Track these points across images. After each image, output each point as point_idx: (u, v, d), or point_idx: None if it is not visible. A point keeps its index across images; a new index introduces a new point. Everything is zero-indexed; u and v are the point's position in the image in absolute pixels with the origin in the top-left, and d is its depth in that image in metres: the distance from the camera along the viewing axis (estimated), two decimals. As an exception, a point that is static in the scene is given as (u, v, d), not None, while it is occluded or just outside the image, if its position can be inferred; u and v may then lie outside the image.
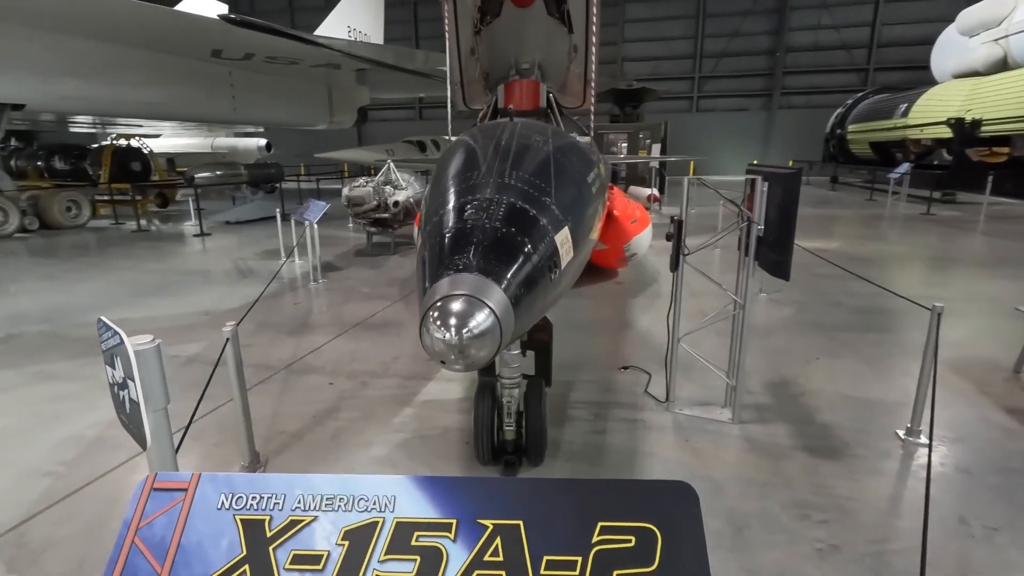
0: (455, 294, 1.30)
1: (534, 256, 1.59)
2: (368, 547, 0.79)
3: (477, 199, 1.78)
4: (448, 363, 1.28)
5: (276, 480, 0.85)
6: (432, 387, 4.14)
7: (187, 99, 15.16)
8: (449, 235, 1.55)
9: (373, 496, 0.83)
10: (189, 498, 0.84)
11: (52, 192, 13.13)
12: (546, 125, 2.99)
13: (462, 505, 0.81)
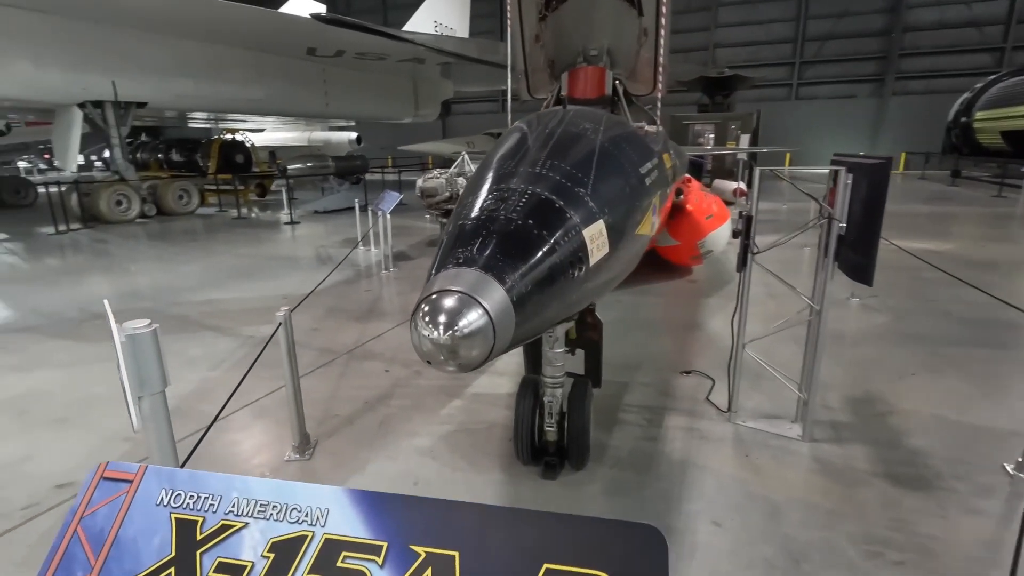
0: (447, 290, 1.22)
1: (552, 252, 1.47)
2: (292, 564, 0.74)
3: (501, 189, 1.69)
4: (435, 363, 1.20)
5: (215, 480, 0.82)
6: (483, 380, 4.11)
7: (285, 95, 16.17)
8: (461, 227, 1.48)
9: (306, 507, 0.77)
10: (132, 491, 0.83)
11: (167, 181, 14.53)
12: (602, 113, 2.83)
13: (396, 526, 0.73)
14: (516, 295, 1.28)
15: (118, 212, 12.86)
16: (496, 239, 1.40)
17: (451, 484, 2.86)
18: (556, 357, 2.78)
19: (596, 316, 3.07)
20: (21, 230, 12.19)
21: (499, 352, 1.28)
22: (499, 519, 0.72)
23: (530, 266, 1.37)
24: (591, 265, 1.69)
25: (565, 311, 1.59)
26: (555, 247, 1.48)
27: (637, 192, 2.33)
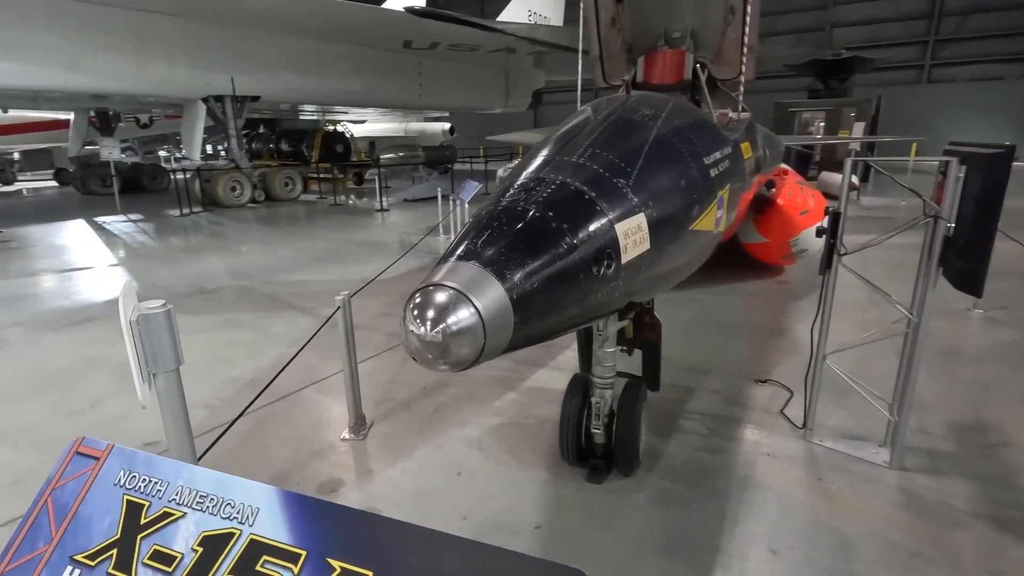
0: (437, 284, 1.16)
1: (571, 247, 1.36)
2: (217, 561, 0.72)
3: (529, 179, 1.60)
4: (420, 361, 1.15)
5: (167, 466, 0.82)
6: (541, 374, 4.04)
7: (381, 87, 16.88)
8: (478, 217, 1.41)
9: (240, 503, 0.75)
10: (97, 469, 0.86)
11: (275, 170, 15.72)
12: (668, 99, 2.62)
13: (318, 535, 0.69)
14: (517, 293, 1.19)
15: (232, 197, 14.11)
16: (505, 232, 1.32)
17: (493, 477, 2.83)
18: (606, 356, 2.65)
19: (654, 316, 2.89)
20: (153, 211, 13.75)
21: (494, 353, 1.20)
22: (423, 541, 0.66)
23: (540, 262, 1.27)
24: (624, 263, 1.56)
25: (589, 312, 1.48)
26: (575, 242, 1.37)
27: (696, 184, 2.14)
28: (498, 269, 1.19)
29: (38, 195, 19.27)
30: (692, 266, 2.45)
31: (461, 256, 1.24)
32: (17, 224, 12.01)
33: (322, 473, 2.89)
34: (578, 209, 1.48)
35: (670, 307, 5.37)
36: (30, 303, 6.13)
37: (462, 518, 2.53)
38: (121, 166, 17.64)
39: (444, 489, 2.75)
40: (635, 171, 1.77)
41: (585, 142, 1.85)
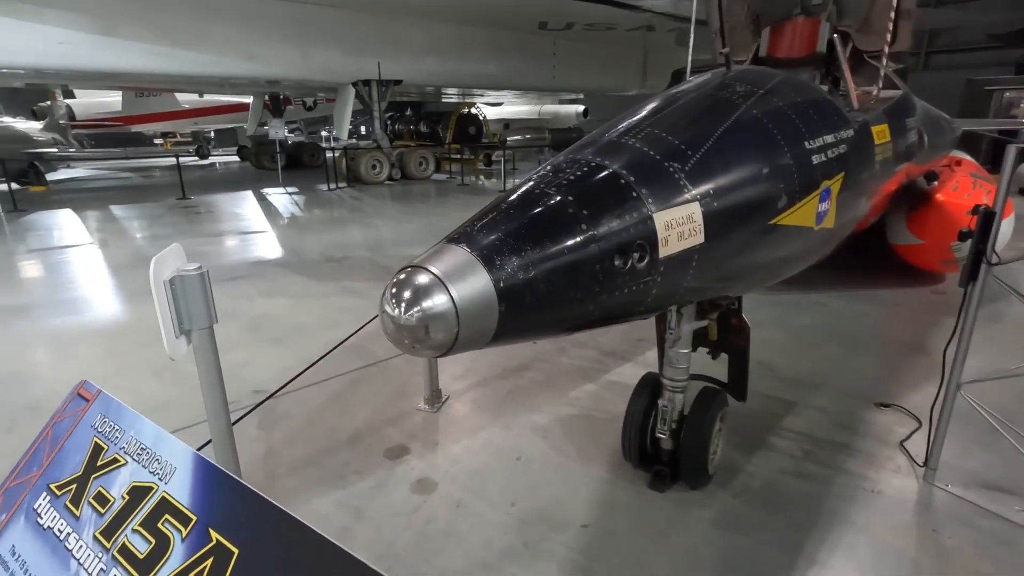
0: (416, 266, 1.11)
1: (590, 236, 1.24)
2: (134, 510, 0.76)
3: (567, 159, 1.49)
4: (394, 342, 1.12)
5: (128, 415, 0.89)
6: (626, 369, 3.86)
7: (516, 70, 17.08)
8: (498, 198, 1.33)
9: (165, 460, 0.79)
10: (85, 410, 0.95)
11: (412, 150, 16.73)
12: (773, 75, 2.31)
13: (210, 505, 0.70)
14: (506, 282, 1.11)
15: (372, 175, 15.30)
16: (511, 216, 1.24)
17: (552, 468, 2.77)
18: (678, 357, 2.45)
19: (742, 318, 2.60)
20: (306, 186, 15.37)
21: (478, 342, 1.13)
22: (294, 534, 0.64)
23: (544, 250, 1.17)
24: (661, 256, 1.39)
25: (612, 309, 1.34)
26: (595, 231, 1.24)
27: (787, 171, 1.86)
28: (487, 255, 1.12)
29: (225, 168, 22.50)
30: (780, 267, 2.15)
31: (453, 238, 1.19)
32: (202, 193, 14.15)
33: (391, 438, 3.05)
34: (607, 194, 1.35)
35: (783, 309, 4.83)
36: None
37: (511, 503, 2.52)
38: (286, 144, 19.94)
39: (500, 472, 2.76)
40: (698, 155, 1.58)
41: (647, 121, 1.68)
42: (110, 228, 9.77)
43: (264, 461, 2.88)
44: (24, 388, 3.64)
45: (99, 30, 10.94)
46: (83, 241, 8.67)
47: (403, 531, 2.36)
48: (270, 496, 2.48)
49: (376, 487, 2.66)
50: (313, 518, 2.43)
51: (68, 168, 21.34)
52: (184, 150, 27.01)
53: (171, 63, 12.22)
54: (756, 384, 3.48)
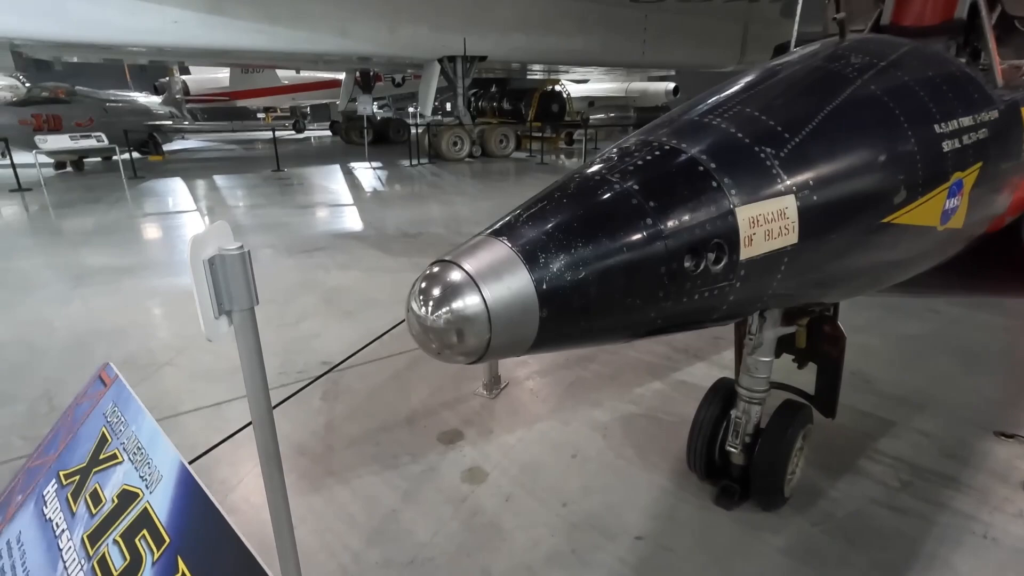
0: (448, 260, 0.98)
1: (656, 233, 1.06)
2: (119, 517, 0.70)
3: (637, 139, 1.30)
4: (420, 345, 0.99)
5: (133, 407, 0.84)
6: (699, 368, 3.59)
7: (603, 45, 16.47)
8: (554, 186, 1.17)
9: (156, 464, 0.72)
10: (101, 396, 0.92)
11: (493, 127, 16.66)
12: (899, 44, 1.95)
13: (186, 528, 0.62)
14: (550, 283, 0.95)
15: (453, 151, 15.42)
16: (564, 206, 1.07)
17: (609, 469, 2.62)
18: (757, 366, 2.20)
19: (838, 326, 2.29)
20: (389, 161, 15.75)
21: (515, 349, 0.99)
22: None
23: (598, 248, 1.00)
24: (744, 258, 1.18)
25: (678, 316, 1.15)
26: (661, 226, 1.06)
27: (909, 160, 1.55)
28: (530, 251, 0.98)
29: (318, 142, 23.58)
30: (889, 272, 1.84)
31: (496, 230, 1.05)
32: (295, 165, 14.88)
33: (446, 422, 3.01)
34: (681, 183, 1.15)
35: (885, 312, 4.30)
36: (282, 230, 7.56)
37: (562, 504, 2.40)
38: (374, 120, 20.52)
39: (554, 468, 2.64)
40: (797, 138, 1.33)
41: (737, 98, 1.45)
42: (211, 196, 10.51)
43: (324, 433, 2.93)
44: (123, 344, 3.95)
45: (208, 9, 11.63)
46: (187, 208, 9.38)
47: (449, 520, 2.31)
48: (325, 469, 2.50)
49: (427, 471, 2.63)
50: (363, 496, 2.44)
51: (182, 139, 23.22)
52: (282, 124, 28.61)
53: (271, 40, 12.82)
54: (849, 397, 3.12)
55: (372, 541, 2.20)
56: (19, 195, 10.17)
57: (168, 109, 18.00)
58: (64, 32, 11.07)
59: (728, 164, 1.21)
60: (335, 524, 2.29)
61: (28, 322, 4.39)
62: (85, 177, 12.63)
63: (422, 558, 2.12)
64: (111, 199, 9.91)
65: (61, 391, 3.34)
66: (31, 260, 6.17)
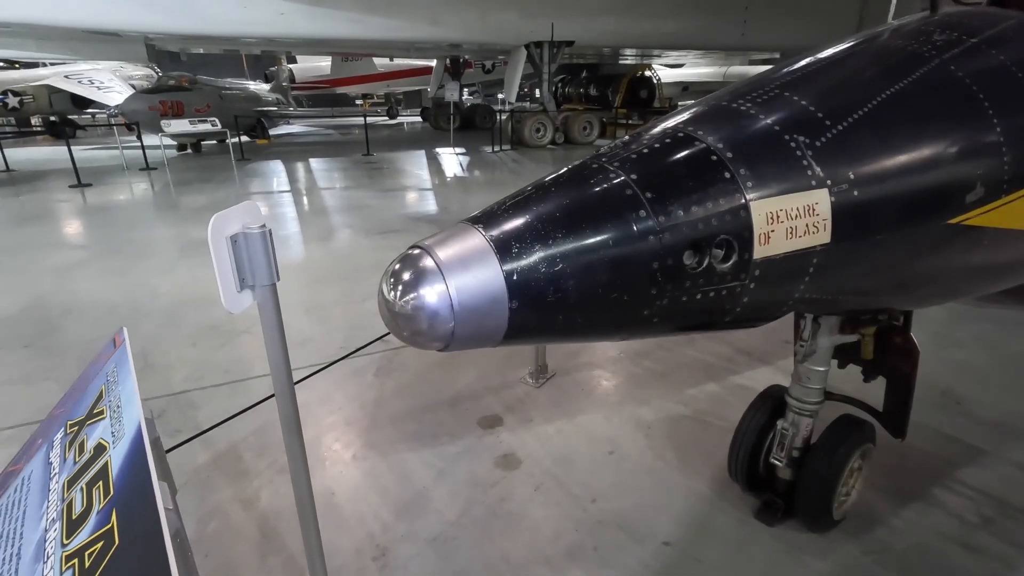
0: (420, 246, 0.96)
1: (649, 227, 0.99)
2: (89, 466, 0.77)
3: (655, 127, 1.21)
4: (390, 329, 0.98)
5: (126, 369, 0.91)
6: (760, 373, 3.37)
7: (699, 27, 15.63)
8: (550, 176, 1.12)
9: (123, 422, 0.78)
10: (109, 356, 1.01)
11: (577, 113, 16.40)
12: (1004, 17, 1.69)
13: (127, 484, 0.66)
14: (522, 275, 0.91)
15: (536, 138, 15.37)
16: (552, 194, 1.02)
17: (645, 470, 2.53)
18: (810, 375, 2.03)
19: (910, 337, 2.05)
20: (472, 147, 15.99)
21: (483, 339, 0.96)
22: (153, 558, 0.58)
23: (581, 241, 0.94)
24: (757, 257, 1.07)
25: (676, 317, 1.06)
26: (658, 219, 0.98)
27: (987, 154, 1.35)
28: (504, 241, 0.94)
29: (409, 128, 24.40)
30: (959, 283, 1.62)
31: (475, 218, 1.03)
32: (384, 150, 15.50)
33: (488, 407, 3.04)
34: (688, 173, 1.07)
35: (994, 327, 3.79)
36: (363, 212, 7.93)
37: (591, 500, 2.35)
38: (461, 106, 20.89)
39: (589, 463, 2.59)
40: (840, 126, 1.20)
41: (781, 81, 1.32)
42: (305, 178, 11.21)
43: (372, 407, 3.07)
44: (211, 311, 4.33)
45: (311, 1, 12.33)
46: (283, 188, 10.07)
47: (476, 503, 2.34)
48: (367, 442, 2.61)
49: (463, 453, 2.67)
50: (398, 471, 2.53)
51: (287, 124, 24.92)
52: (375, 111, 29.89)
53: (367, 29, 13.38)
54: (933, 417, 2.81)
55: (401, 514, 2.28)
56: (147, 173, 11.41)
57: (275, 96, 19.36)
58: (188, 25, 12.21)
59: (748, 154, 1.11)
60: (369, 495, 2.40)
61: (137, 286, 4.94)
62: (201, 158, 13.91)
63: (446, 536, 2.17)
64: (220, 178, 10.85)
65: (155, 350, 3.74)
66: (149, 232, 6.92)
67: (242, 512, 2.31)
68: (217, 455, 2.67)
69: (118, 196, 9.31)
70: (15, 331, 4.05)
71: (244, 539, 2.17)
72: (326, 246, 6.30)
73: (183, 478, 2.50)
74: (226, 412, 2.98)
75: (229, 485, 2.47)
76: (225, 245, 1.30)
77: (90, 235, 7.01)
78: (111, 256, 5.90)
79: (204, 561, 2.07)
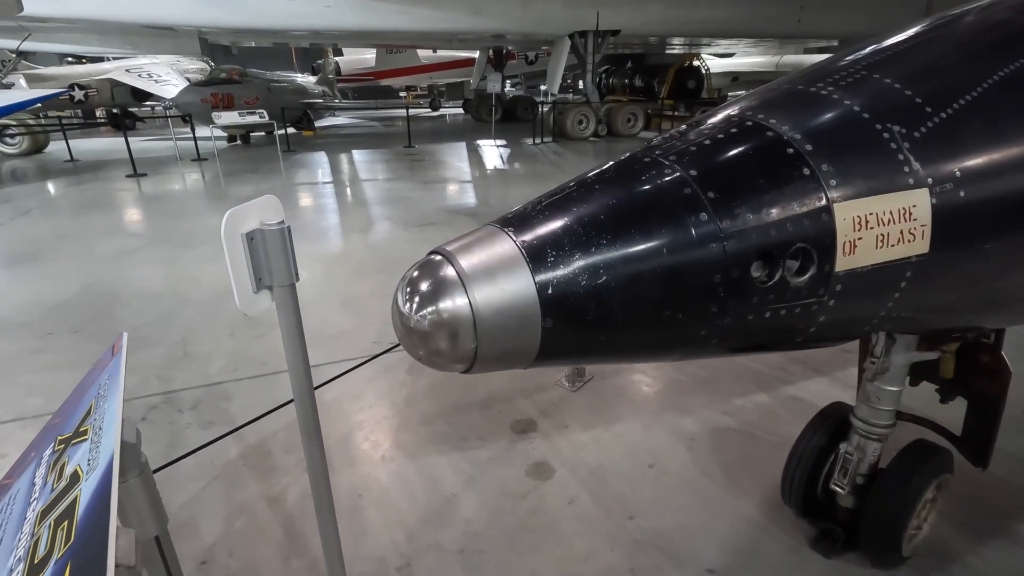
0: (441, 251, 0.82)
1: (713, 234, 0.83)
2: (61, 500, 0.68)
3: (719, 113, 1.05)
4: (405, 347, 0.86)
5: (116, 382, 0.82)
6: (817, 384, 3.13)
7: (751, 15, 14.98)
8: (591, 170, 0.97)
9: (99, 450, 0.69)
10: (106, 365, 0.93)
11: (620, 105, 15.99)
12: None
13: (86, 531, 0.57)
14: (560, 288, 0.77)
15: (578, 130, 15.08)
16: (597, 192, 0.87)
17: (688, 487, 2.36)
18: (881, 395, 1.81)
19: (1000, 356, 1.81)
20: (513, 139, 15.83)
21: (513, 361, 0.82)
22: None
23: (630, 248, 0.80)
24: (839, 270, 0.90)
25: (745, 338, 0.90)
26: (722, 223, 0.82)
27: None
28: (539, 247, 0.81)
29: (451, 120, 24.44)
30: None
31: (505, 220, 0.89)
32: (426, 142, 15.53)
33: (521, 410, 2.92)
34: (757, 168, 0.90)
35: None
36: (403, 204, 7.91)
37: (628, 517, 2.20)
38: (503, 98, 20.73)
39: (626, 476, 2.44)
40: (944, 114, 1.00)
41: (868, 60, 1.13)
42: (348, 170, 11.32)
43: (403, 406, 2.99)
44: (249, 301, 4.35)
45: (356, -7, 12.43)
46: (326, 179, 10.19)
47: (506, 514, 2.23)
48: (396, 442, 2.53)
49: (494, 459, 2.56)
50: (427, 476, 2.44)
51: (332, 116, 25.35)
52: (417, 103, 30.06)
53: (410, 20, 13.40)
54: (1018, 443, 2.52)
55: (427, 522, 2.19)
56: (198, 164, 11.76)
57: (321, 88, 19.67)
58: (238, 19, 12.51)
59: (832, 146, 0.93)
60: (396, 499, 2.32)
61: (181, 276, 5.04)
62: (250, 149, 14.27)
63: (472, 548, 2.07)
64: (266, 169, 11.08)
65: (194, 339, 3.78)
66: (197, 221, 7.09)
67: (268, 511, 2.27)
68: (247, 450, 2.64)
69: (170, 186, 9.61)
70: (66, 316, 4.17)
71: (268, 539, 2.12)
72: (365, 238, 6.31)
73: (213, 472, 2.49)
74: (259, 405, 2.96)
75: (257, 482, 2.44)
76: (240, 242, 1.21)
77: (141, 223, 7.25)
78: (160, 244, 6.06)
79: (228, 560, 2.04)
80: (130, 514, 0.87)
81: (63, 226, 6.97)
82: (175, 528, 2.17)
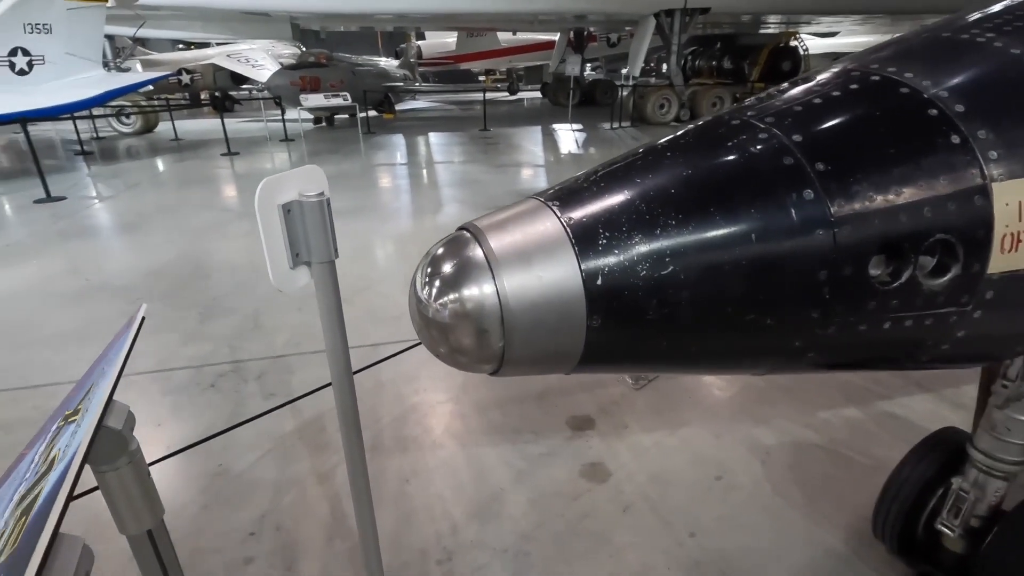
0: (470, 228, 0.67)
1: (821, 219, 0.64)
2: (34, 488, 0.61)
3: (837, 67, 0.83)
4: (423, 341, 0.71)
5: (116, 361, 0.75)
6: (920, 402, 2.75)
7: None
8: (662, 136, 0.79)
9: (78, 436, 0.61)
10: (118, 338, 0.86)
11: (706, 88, 15.13)
12: None
13: (30, 536, 0.48)
14: (611, 279, 0.60)
15: (659, 114, 14.45)
16: (668, 161, 0.69)
17: (759, 506, 2.12)
18: (1010, 425, 1.51)
19: None
20: (590, 123, 15.40)
21: (551, 364, 0.66)
22: None
23: (708, 231, 0.62)
24: (993, 271, 0.67)
25: (851, 354, 0.70)
26: (834, 205, 0.63)
27: None
28: (589, 227, 0.64)
29: (529, 104, 24.21)
30: None
31: (549, 193, 0.73)
32: (501, 126, 15.45)
33: (579, 405, 2.76)
34: (886, 135, 0.69)
35: None
36: (474, 187, 7.87)
37: (689, 533, 2.01)
38: (582, 81, 20.22)
39: (690, 488, 2.23)
40: None
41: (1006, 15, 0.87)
42: (424, 152, 11.46)
43: (457, 392, 2.92)
44: (319, 277, 4.45)
45: (438, -25, 12.47)
46: (402, 161, 10.36)
47: (556, 517, 2.10)
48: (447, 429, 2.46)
49: (547, 455, 2.43)
50: (476, 467, 2.35)
51: (413, 99, 25.84)
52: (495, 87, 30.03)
53: (492, 2, 13.31)
54: None
55: (473, 517, 2.10)
56: (286, 144, 12.33)
57: (403, 72, 20.06)
58: (326, 4, 12.95)
59: (992, 107, 0.70)
60: (443, 489, 2.25)
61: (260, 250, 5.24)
62: (334, 131, 14.80)
63: (517, 550, 1.96)
64: (347, 150, 11.43)
65: (266, 310, 3.91)
66: (277, 198, 7.39)
67: (317, 487, 2.27)
68: (303, 424, 2.67)
69: (260, 164, 10.13)
70: (154, 284, 4.45)
71: (314, 517, 2.12)
72: (434, 219, 6.31)
73: (269, 443, 2.53)
74: (316, 380, 2.99)
75: (309, 457, 2.45)
76: (277, 214, 1.13)
77: (230, 199, 7.66)
78: (243, 219, 6.36)
79: (275, 535, 2.04)
80: (120, 507, 0.82)
81: (163, 199, 7.50)
82: (231, 495, 2.21)
